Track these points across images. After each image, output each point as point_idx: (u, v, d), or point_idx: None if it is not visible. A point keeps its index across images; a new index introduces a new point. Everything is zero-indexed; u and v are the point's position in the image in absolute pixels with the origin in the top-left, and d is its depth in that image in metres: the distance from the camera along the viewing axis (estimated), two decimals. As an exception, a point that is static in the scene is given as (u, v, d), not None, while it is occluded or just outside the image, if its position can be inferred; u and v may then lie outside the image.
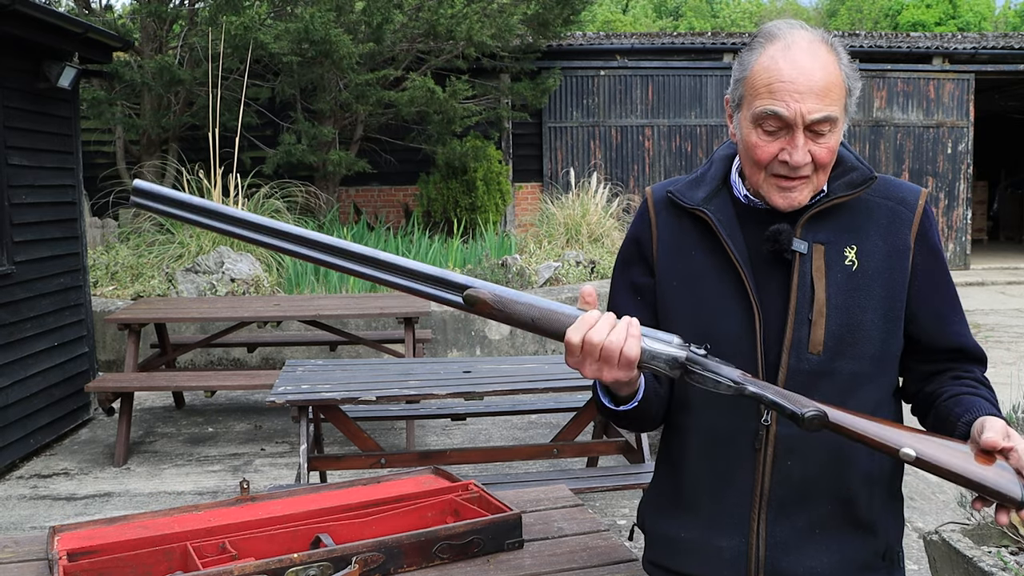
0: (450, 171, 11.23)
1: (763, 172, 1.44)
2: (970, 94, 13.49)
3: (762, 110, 1.40)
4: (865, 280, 1.45)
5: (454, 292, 1.33)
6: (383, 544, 1.51)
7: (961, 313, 1.53)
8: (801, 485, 1.46)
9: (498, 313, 1.34)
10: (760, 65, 1.41)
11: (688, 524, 1.54)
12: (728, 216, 1.50)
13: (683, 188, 1.56)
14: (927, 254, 1.49)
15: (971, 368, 1.51)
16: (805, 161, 1.40)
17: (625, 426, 1.57)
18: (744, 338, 1.45)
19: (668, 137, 13.06)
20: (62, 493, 4.85)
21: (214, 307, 6.10)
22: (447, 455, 4.15)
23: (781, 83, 1.38)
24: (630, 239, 1.62)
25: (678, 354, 1.31)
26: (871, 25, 32.70)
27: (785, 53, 1.40)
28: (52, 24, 5.40)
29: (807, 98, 1.37)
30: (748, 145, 1.44)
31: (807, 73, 1.38)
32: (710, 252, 1.50)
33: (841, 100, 1.41)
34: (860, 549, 1.48)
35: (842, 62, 1.43)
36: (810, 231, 1.46)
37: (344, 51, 9.27)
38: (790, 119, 1.38)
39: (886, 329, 1.45)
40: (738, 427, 1.47)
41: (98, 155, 11.50)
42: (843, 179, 1.48)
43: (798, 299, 1.44)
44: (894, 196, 1.50)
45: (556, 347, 7.86)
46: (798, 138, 1.39)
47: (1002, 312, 10.30)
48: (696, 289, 1.50)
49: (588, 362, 1.30)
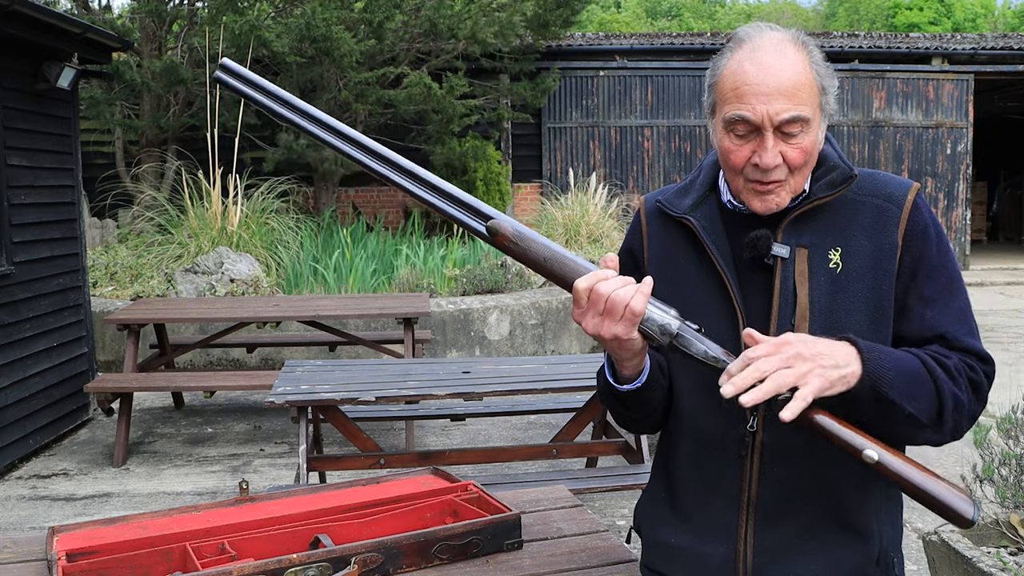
0: (449, 171, 11.22)
1: (740, 177, 1.44)
2: (969, 95, 13.49)
3: (730, 115, 1.40)
4: (849, 282, 1.43)
5: (479, 220, 1.40)
6: (382, 544, 1.52)
7: (956, 305, 1.45)
8: (789, 491, 1.44)
9: (515, 247, 1.39)
10: (728, 70, 1.41)
11: (678, 531, 1.54)
12: (713, 223, 1.50)
13: (671, 196, 1.57)
14: (917, 249, 1.44)
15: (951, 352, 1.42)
16: (775, 163, 1.39)
17: (624, 418, 1.57)
18: (729, 343, 1.44)
19: (667, 138, 13.06)
20: (61, 493, 4.85)
21: (213, 307, 6.10)
22: (446, 456, 4.15)
23: (747, 86, 1.38)
24: (624, 250, 1.64)
25: (672, 323, 1.34)
26: (869, 26, 32.73)
27: (751, 56, 1.39)
28: (51, 24, 5.40)
29: (774, 99, 1.36)
30: (721, 151, 1.44)
31: (773, 74, 1.37)
32: (696, 259, 1.51)
33: (813, 99, 1.39)
34: (852, 555, 1.46)
35: (813, 61, 1.41)
36: (793, 234, 1.45)
37: (345, 48, 9.27)
38: (757, 122, 1.37)
39: (872, 331, 1.43)
40: (724, 433, 1.46)
41: (97, 155, 11.50)
42: (824, 179, 1.46)
43: (780, 304, 1.43)
44: (881, 193, 1.47)
45: (555, 348, 7.86)
46: (767, 140, 1.38)
47: (1001, 312, 10.30)
48: (683, 295, 1.49)
49: (591, 314, 1.33)
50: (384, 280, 8.55)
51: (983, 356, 1.44)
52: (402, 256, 9.02)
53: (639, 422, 1.59)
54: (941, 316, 1.44)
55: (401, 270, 8.42)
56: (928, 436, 1.39)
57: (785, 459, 1.44)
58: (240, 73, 1.42)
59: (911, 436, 1.38)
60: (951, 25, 31.24)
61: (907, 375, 1.34)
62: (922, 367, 1.37)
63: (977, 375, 1.42)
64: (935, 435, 1.39)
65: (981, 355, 1.44)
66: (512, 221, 1.40)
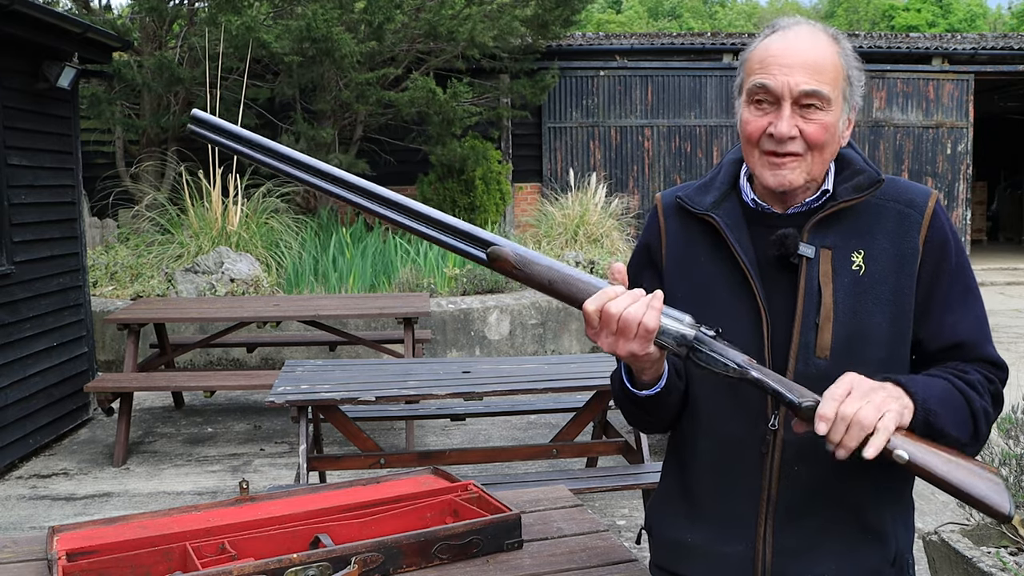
0: (448, 171, 11.22)
1: (756, 150, 1.44)
2: (969, 95, 13.49)
3: (752, 84, 1.42)
4: (872, 285, 1.43)
5: (479, 247, 1.38)
6: (382, 544, 1.51)
7: (973, 313, 1.47)
8: (809, 491, 1.44)
9: (518, 272, 1.37)
10: (758, 48, 1.44)
11: (695, 529, 1.53)
12: (736, 220, 1.49)
13: (692, 193, 1.56)
14: (937, 256, 1.45)
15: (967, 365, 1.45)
16: (790, 133, 1.39)
17: (640, 421, 1.57)
18: (752, 342, 1.44)
19: (668, 138, 13.06)
20: (61, 493, 4.85)
21: (213, 307, 6.10)
22: (446, 455, 4.15)
23: (772, 57, 1.40)
24: (641, 245, 1.62)
25: (687, 332, 1.33)
26: (868, 27, 32.76)
27: (783, 35, 1.43)
28: (51, 24, 5.40)
29: (795, 71, 1.38)
30: (742, 124, 1.45)
31: (797, 48, 1.39)
32: (718, 257, 1.49)
33: (836, 82, 1.41)
34: (869, 555, 1.46)
35: (843, 50, 1.43)
36: (817, 235, 1.45)
37: (345, 49, 9.27)
38: (777, 90, 1.39)
39: (894, 333, 1.43)
40: (745, 432, 1.45)
41: (98, 155, 11.50)
42: (850, 182, 1.46)
43: (805, 304, 1.43)
44: (903, 199, 1.47)
45: (555, 348, 7.86)
46: (784, 109, 1.39)
47: (1001, 312, 10.30)
48: (705, 293, 1.49)
49: (604, 333, 1.32)
50: (384, 280, 8.55)
51: (999, 364, 1.47)
52: (401, 256, 9.02)
53: (654, 424, 1.58)
54: (961, 323, 1.46)
55: (401, 270, 8.42)
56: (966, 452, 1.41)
57: (806, 457, 1.43)
58: (210, 122, 1.42)
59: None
60: (946, 26, 31.28)
61: (947, 402, 1.36)
62: (955, 391, 1.39)
63: (996, 386, 1.45)
64: (971, 450, 1.42)
65: (998, 363, 1.47)
66: (513, 245, 1.38)
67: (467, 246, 1.38)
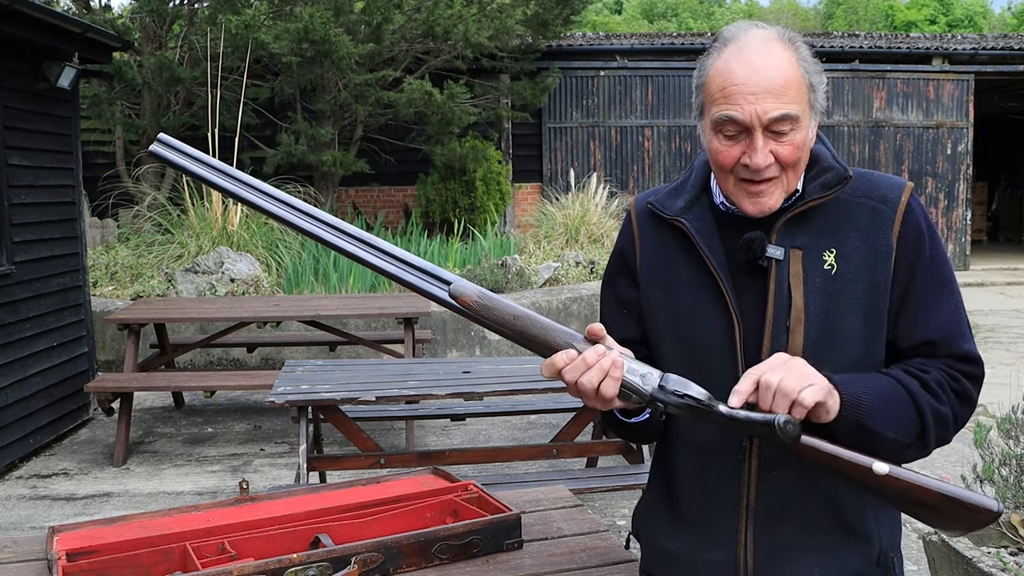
0: (449, 171, 11.22)
1: (731, 177, 1.42)
2: (970, 95, 13.48)
3: (719, 116, 1.38)
4: (845, 284, 1.42)
5: (439, 285, 1.37)
6: (382, 544, 1.52)
7: (948, 307, 1.44)
8: (788, 495, 1.44)
9: (479, 313, 1.36)
10: (715, 70, 1.40)
11: (678, 536, 1.53)
12: (706, 224, 1.48)
13: (663, 198, 1.55)
14: (911, 251, 1.43)
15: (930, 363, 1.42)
16: (767, 163, 1.38)
17: (630, 439, 1.58)
18: (724, 347, 1.44)
19: (668, 138, 13.06)
20: (61, 493, 4.85)
21: (213, 307, 6.10)
22: (446, 455, 4.15)
23: (734, 86, 1.36)
24: (616, 252, 1.62)
25: (645, 390, 1.33)
26: (868, 26, 32.76)
27: (738, 55, 1.38)
28: (52, 24, 5.40)
29: (762, 98, 1.35)
30: (711, 151, 1.43)
31: (761, 73, 1.35)
32: (689, 262, 1.49)
33: (801, 96, 1.38)
34: (852, 556, 1.46)
35: (801, 58, 1.40)
36: (787, 236, 1.44)
37: (344, 51, 9.27)
38: (746, 122, 1.36)
39: (867, 333, 1.42)
40: (722, 439, 1.45)
41: (98, 155, 11.50)
42: (818, 180, 1.45)
43: (775, 307, 1.42)
44: (875, 195, 1.45)
45: (555, 347, 7.85)
46: (757, 140, 1.37)
47: (1001, 313, 10.30)
48: (677, 299, 1.49)
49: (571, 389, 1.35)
50: (384, 280, 8.55)
51: (972, 358, 1.43)
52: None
53: (645, 440, 1.61)
54: (934, 319, 1.43)
55: (401, 270, 8.40)
56: (912, 454, 1.40)
57: (783, 463, 1.43)
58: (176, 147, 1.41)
59: (897, 457, 1.37)
60: (946, 23, 31.27)
61: (885, 400, 1.35)
62: (900, 388, 1.38)
63: (960, 384, 1.41)
64: (919, 453, 1.41)
65: (969, 357, 1.43)
66: (475, 287, 1.36)
67: (427, 283, 1.36)
